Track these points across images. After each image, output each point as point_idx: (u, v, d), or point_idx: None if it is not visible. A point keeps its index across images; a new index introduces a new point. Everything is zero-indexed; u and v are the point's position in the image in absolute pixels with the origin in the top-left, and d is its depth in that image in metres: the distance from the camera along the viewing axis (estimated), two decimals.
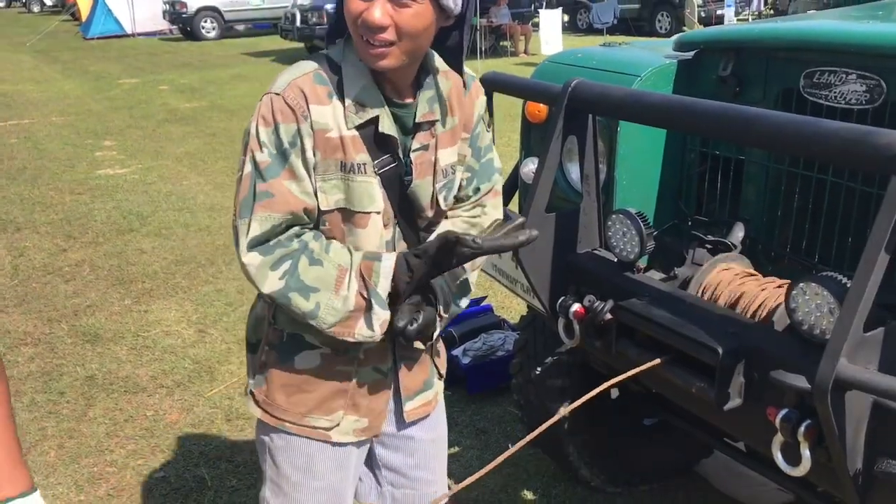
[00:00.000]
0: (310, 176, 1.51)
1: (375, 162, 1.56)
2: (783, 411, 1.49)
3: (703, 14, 18.44)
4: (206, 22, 21.05)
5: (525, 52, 16.77)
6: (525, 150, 2.58)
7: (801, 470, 1.50)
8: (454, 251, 1.49)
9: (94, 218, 6.31)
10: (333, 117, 1.51)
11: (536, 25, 16.27)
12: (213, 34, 21.11)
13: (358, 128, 1.53)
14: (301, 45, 17.47)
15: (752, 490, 2.88)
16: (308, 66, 1.54)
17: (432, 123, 1.62)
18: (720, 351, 1.58)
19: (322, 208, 1.54)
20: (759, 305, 1.78)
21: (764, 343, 1.61)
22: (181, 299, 4.75)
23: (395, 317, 1.55)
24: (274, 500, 1.79)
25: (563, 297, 2.03)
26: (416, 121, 1.59)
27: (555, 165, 2.04)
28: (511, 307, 4.45)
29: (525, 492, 2.99)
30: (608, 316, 1.90)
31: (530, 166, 2.50)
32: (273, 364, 1.69)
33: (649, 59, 2.21)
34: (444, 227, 1.73)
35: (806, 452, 1.48)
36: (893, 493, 1.45)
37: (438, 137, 1.64)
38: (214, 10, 21.01)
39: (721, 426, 1.84)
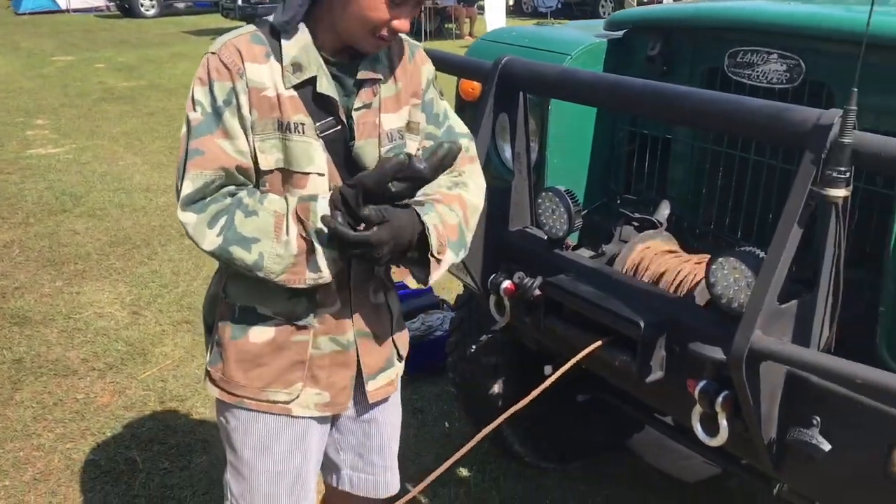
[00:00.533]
0: (247, 135, 1.51)
1: (317, 125, 1.55)
2: (702, 383, 1.53)
3: (644, 0, 18.65)
4: None
5: (470, 34, 16.75)
6: None
7: (719, 440, 1.54)
8: (392, 181, 1.46)
9: (24, 198, 6.12)
10: (270, 76, 1.52)
11: (482, 8, 16.25)
12: (152, 12, 20.62)
13: (296, 88, 1.53)
14: (243, 23, 17.11)
15: (681, 464, 2.96)
16: (246, 28, 1.56)
17: (374, 82, 1.62)
18: (642, 324, 1.61)
19: (262, 168, 1.54)
20: (682, 280, 1.81)
21: (685, 317, 1.65)
22: (115, 281, 4.65)
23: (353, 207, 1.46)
24: (235, 485, 1.75)
25: (494, 275, 2.05)
26: (358, 78, 1.60)
27: (486, 142, 2.04)
28: (452, 288, 4.45)
29: (460, 469, 3.01)
30: (537, 292, 1.92)
31: None
32: (228, 340, 1.66)
33: (580, 39, 2.22)
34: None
35: (723, 423, 1.52)
36: (805, 461, 1.49)
37: (382, 101, 1.63)
38: None
39: (645, 399, 1.88)
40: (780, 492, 1.77)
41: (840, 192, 1.33)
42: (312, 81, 1.54)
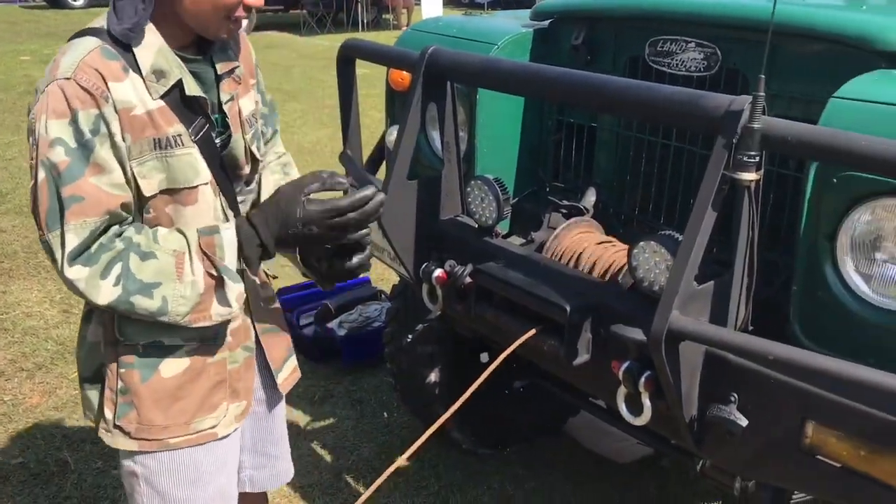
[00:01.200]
0: (123, 165, 1.38)
1: (190, 129, 1.46)
2: (626, 364, 1.56)
3: None
4: None
5: (408, 25, 16.69)
6: (390, 118, 2.59)
7: (643, 419, 1.58)
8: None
9: None
10: (135, 92, 1.38)
11: None
12: (80, 2, 20.00)
13: (163, 97, 1.42)
14: None
15: (616, 445, 3.02)
16: (91, 43, 1.38)
17: (232, 71, 1.56)
18: (568, 309, 1.64)
19: (145, 194, 1.42)
20: (607, 265, 1.85)
21: (610, 300, 1.68)
22: (44, 279, 4.53)
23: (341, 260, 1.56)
24: None
25: (426, 263, 2.06)
26: (219, 72, 1.53)
27: (415, 132, 2.04)
28: (390, 279, 4.45)
29: (398, 457, 3.02)
30: (468, 280, 1.93)
31: (395, 134, 2.50)
32: (138, 384, 1.52)
33: (507, 28, 2.24)
34: (267, 181, 1.71)
35: (647, 402, 1.56)
36: (724, 437, 1.54)
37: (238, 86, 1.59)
38: None
39: (573, 382, 1.92)
40: (704, 468, 1.83)
41: (751, 176, 1.38)
42: (178, 85, 1.43)
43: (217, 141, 1.53)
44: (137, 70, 1.39)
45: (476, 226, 2.03)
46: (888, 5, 2.02)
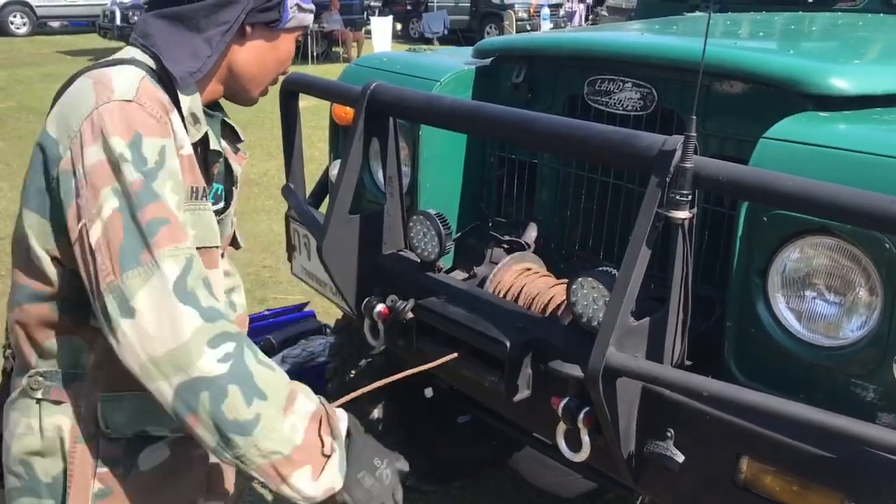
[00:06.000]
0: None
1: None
2: (565, 400, 1.57)
3: (528, 27, 19.20)
4: (14, 17, 19.61)
5: (358, 58, 16.78)
6: (333, 152, 2.58)
7: (583, 455, 1.59)
8: None
9: None
10: (182, 131, 1.25)
11: (369, 32, 16.36)
12: (23, 30, 19.69)
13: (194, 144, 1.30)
14: (122, 44, 16.55)
15: (559, 480, 3.02)
16: (133, 69, 1.23)
17: (239, 140, 1.48)
18: (508, 344, 1.64)
19: None
20: (548, 301, 1.87)
21: (550, 336, 1.69)
22: None
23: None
24: None
25: (368, 298, 2.05)
26: (241, 137, 1.46)
27: (357, 167, 2.05)
28: (335, 313, 4.41)
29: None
30: (409, 315, 1.93)
31: (338, 169, 2.49)
32: (117, 484, 1.26)
33: (450, 65, 2.27)
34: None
35: (585, 438, 1.56)
36: (661, 473, 1.55)
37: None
38: (25, 4, 19.61)
39: (515, 418, 1.92)
40: (643, 503, 1.84)
41: (684, 214, 1.40)
42: (204, 138, 1.32)
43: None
44: (179, 109, 1.25)
45: (418, 260, 2.03)
46: (815, 50, 2.10)
